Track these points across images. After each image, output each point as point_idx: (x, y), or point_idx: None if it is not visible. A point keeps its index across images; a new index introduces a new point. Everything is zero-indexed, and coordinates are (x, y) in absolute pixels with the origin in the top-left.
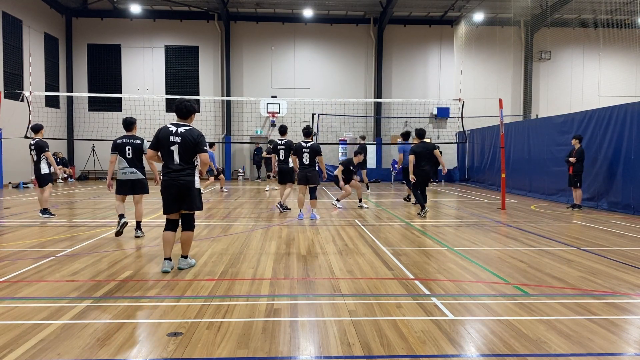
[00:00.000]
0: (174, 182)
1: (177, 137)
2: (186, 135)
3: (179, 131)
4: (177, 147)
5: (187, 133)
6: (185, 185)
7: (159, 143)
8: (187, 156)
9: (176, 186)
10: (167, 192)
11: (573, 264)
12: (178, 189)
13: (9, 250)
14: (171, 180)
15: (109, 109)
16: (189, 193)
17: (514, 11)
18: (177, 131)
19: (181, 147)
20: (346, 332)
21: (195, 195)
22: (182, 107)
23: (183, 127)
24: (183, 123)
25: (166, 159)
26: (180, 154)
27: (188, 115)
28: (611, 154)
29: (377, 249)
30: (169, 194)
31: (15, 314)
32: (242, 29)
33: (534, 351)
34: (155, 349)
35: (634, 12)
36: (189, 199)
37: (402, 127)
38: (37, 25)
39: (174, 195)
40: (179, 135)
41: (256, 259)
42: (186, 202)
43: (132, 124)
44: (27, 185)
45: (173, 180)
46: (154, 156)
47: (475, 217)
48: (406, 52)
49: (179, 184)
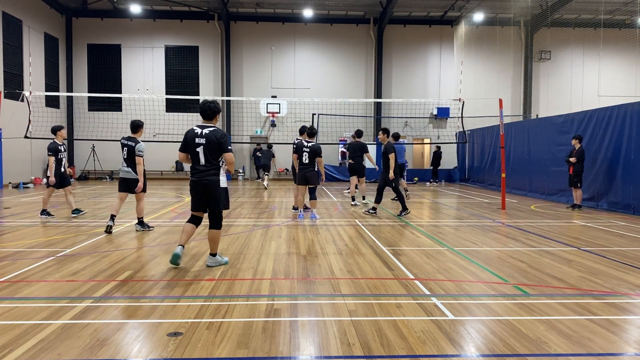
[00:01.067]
0: (200, 182)
1: (202, 139)
2: (210, 136)
3: (203, 132)
4: (202, 148)
5: (211, 134)
6: (209, 184)
7: (187, 145)
8: (212, 156)
9: (201, 186)
10: (193, 192)
11: (573, 264)
12: (203, 188)
13: (9, 250)
14: (197, 181)
15: (109, 109)
16: (214, 192)
17: (514, 11)
18: (202, 132)
19: (206, 148)
20: (346, 332)
21: (221, 194)
22: (206, 108)
23: (207, 129)
24: (208, 124)
25: (193, 159)
26: (205, 154)
27: (213, 116)
28: (611, 154)
29: (377, 249)
30: (195, 193)
31: (15, 314)
32: (242, 29)
33: (534, 351)
34: (155, 349)
35: (634, 12)
36: (214, 199)
37: (402, 127)
38: (37, 25)
39: (199, 195)
40: (203, 136)
41: (256, 259)
42: (211, 201)
43: (137, 127)
44: (27, 185)
45: (199, 180)
46: (184, 158)
47: (475, 217)
48: (406, 52)
49: (203, 183)
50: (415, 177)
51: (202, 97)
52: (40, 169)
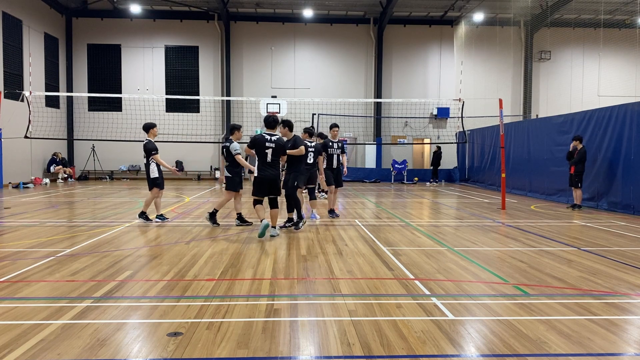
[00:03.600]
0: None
1: (272, 144)
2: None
3: (272, 139)
4: (271, 150)
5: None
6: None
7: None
8: (276, 157)
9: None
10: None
11: (573, 264)
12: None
13: (9, 250)
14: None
15: (109, 109)
16: (276, 184)
17: (514, 11)
18: (271, 139)
19: (274, 150)
20: (346, 332)
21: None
22: (270, 120)
23: (275, 136)
24: (273, 133)
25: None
26: (272, 155)
27: (275, 126)
28: (611, 154)
29: (377, 249)
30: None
31: (15, 314)
32: (242, 29)
33: (534, 351)
34: (155, 349)
35: (634, 12)
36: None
37: (402, 127)
38: (37, 25)
39: (265, 185)
40: (272, 142)
41: (256, 259)
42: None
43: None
44: (27, 185)
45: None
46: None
47: (475, 217)
48: (406, 52)
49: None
50: (416, 177)
51: (202, 97)
52: (40, 169)
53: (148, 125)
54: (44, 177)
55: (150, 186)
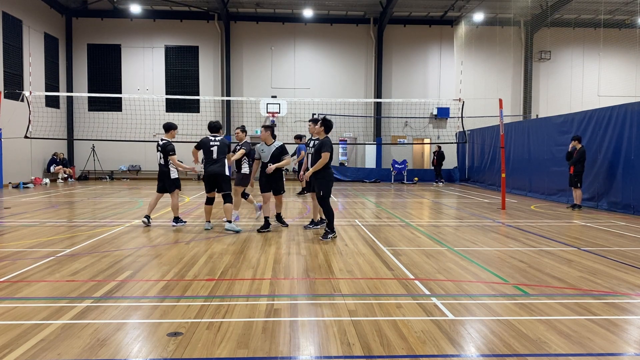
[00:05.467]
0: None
1: (216, 142)
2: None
3: (216, 139)
4: (216, 148)
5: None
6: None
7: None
8: (222, 154)
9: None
10: (261, 178)
11: (573, 264)
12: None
13: (9, 250)
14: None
15: (109, 109)
16: (222, 179)
17: (514, 11)
18: (215, 139)
19: (219, 148)
20: (346, 332)
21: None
22: (212, 125)
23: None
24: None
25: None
26: (217, 152)
27: (217, 130)
28: (611, 154)
29: (377, 249)
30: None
31: (15, 314)
32: (242, 29)
33: (534, 351)
34: (155, 349)
35: (634, 12)
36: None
37: (402, 127)
38: (37, 25)
39: (211, 180)
40: (217, 141)
41: (256, 259)
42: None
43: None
44: (27, 185)
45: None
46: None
47: (475, 217)
48: (406, 52)
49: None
50: (416, 177)
51: (202, 97)
52: (40, 169)
53: (169, 125)
54: (44, 177)
55: (172, 187)
